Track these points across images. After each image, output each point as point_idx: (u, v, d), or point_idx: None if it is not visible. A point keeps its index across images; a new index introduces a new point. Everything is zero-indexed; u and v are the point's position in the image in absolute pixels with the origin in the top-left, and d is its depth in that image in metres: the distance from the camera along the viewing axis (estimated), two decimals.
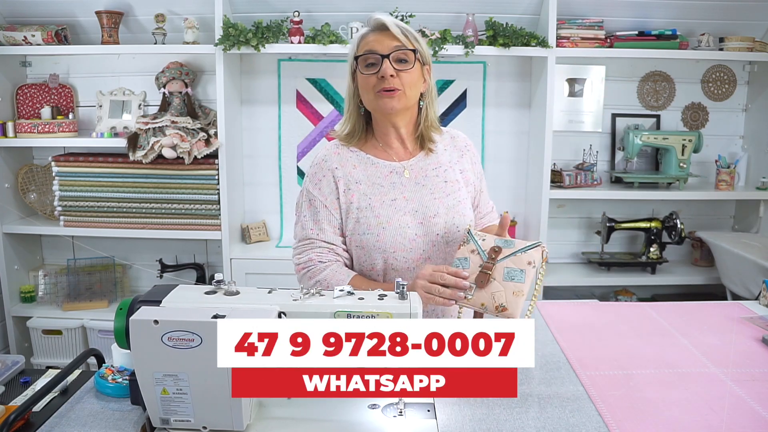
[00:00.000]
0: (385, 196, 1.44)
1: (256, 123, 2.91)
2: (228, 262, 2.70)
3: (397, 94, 1.39)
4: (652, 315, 1.60)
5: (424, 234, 1.43)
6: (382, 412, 1.09)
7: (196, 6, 2.69)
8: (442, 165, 1.50)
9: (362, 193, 1.44)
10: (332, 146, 1.51)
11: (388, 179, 1.46)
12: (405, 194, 1.45)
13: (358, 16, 2.68)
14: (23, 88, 2.83)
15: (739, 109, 2.99)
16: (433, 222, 1.44)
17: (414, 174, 1.48)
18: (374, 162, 1.48)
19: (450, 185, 1.48)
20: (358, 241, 1.43)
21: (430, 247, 1.44)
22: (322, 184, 1.46)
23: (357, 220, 1.43)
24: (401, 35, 1.39)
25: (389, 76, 1.37)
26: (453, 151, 1.54)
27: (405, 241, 1.42)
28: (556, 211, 2.97)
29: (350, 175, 1.46)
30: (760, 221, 2.87)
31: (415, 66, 1.40)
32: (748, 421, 1.07)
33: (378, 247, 1.42)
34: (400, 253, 1.42)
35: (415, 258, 1.43)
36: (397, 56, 1.38)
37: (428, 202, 1.45)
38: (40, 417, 1.07)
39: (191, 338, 0.94)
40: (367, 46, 1.40)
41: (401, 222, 1.42)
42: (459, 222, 1.46)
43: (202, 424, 1.01)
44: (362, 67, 1.40)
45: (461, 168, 1.53)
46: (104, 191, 2.71)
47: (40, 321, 2.77)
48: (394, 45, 1.38)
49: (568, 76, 2.90)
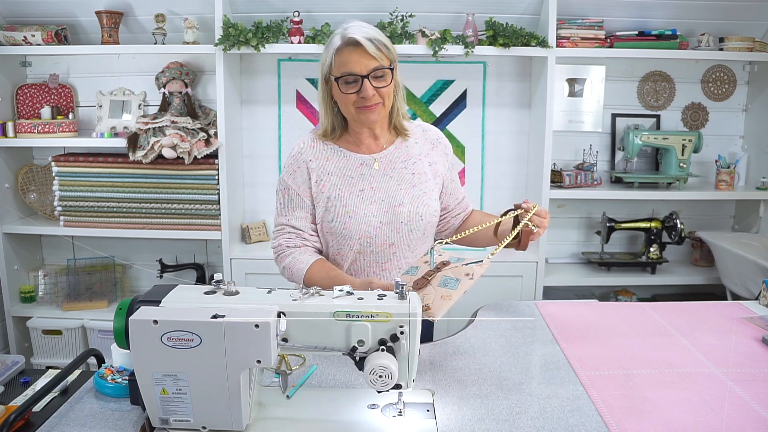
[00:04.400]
0: (353, 187, 1.53)
1: (256, 123, 2.91)
2: (228, 262, 2.70)
3: (377, 108, 1.47)
4: (652, 315, 1.60)
5: (388, 222, 1.52)
6: (382, 412, 1.09)
7: (196, 6, 2.69)
8: (411, 157, 1.58)
9: (333, 184, 1.53)
10: (308, 139, 1.60)
11: (358, 171, 1.54)
12: (373, 185, 1.54)
13: (358, 16, 2.66)
14: (23, 88, 2.83)
15: (739, 109, 2.99)
16: (397, 211, 1.52)
17: (383, 166, 1.56)
18: (346, 155, 1.56)
19: (417, 177, 1.56)
20: (328, 228, 1.53)
21: (395, 234, 1.53)
22: (296, 174, 1.55)
23: (326, 209, 1.52)
24: (376, 51, 1.42)
25: (371, 96, 1.43)
26: (424, 143, 1.61)
27: (370, 229, 1.51)
28: (556, 211, 2.97)
29: (323, 168, 1.54)
30: (760, 221, 2.86)
31: (392, 80, 1.47)
32: (748, 421, 1.07)
33: (345, 234, 1.51)
34: (366, 240, 1.51)
35: (380, 244, 1.53)
36: (375, 76, 1.44)
37: (394, 192, 1.53)
38: (40, 417, 1.07)
39: (191, 338, 0.94)
40: (345, 67, 1.43)
41: (367, 211, 1.51)
42: (423, 211, 1.54)
43: (201, 424, 1.01)
44: (341, 84, 1.45)
45: (431, 161, 1.60)
46: (104, 191, 2.71)
47: (40, 321, 2.77)
48: (372, 66, 1.43)
49: (568, 76, 2.90)
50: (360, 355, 1.01)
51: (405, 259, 1.56)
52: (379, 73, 1.44)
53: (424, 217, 1.55)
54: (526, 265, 2.71)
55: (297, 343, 1.02)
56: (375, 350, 1.01)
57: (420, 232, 1.56)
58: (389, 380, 0.99)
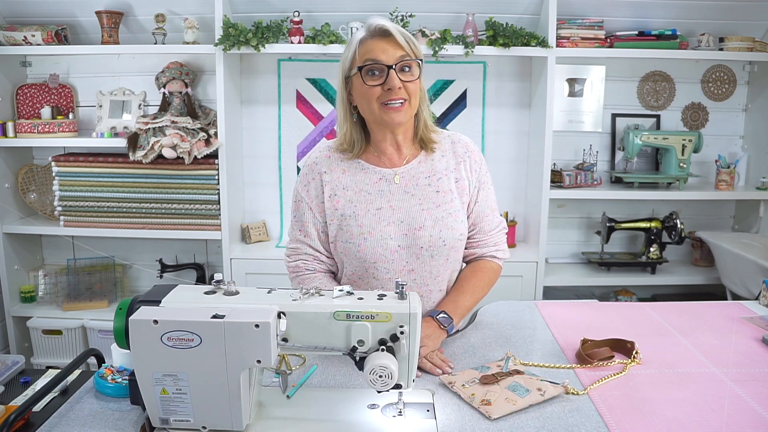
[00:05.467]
0: (370, 205, 1.40)
1: (256, 123, 2.91)
2: (228, 262, 2.70)
3: (404, 107, 1.35)
4: (652, 315, 1.60)
5: (407, 246, 1.40)
6: (382, 412, 1.09)
7: (196, 6, 2.69)
8: (436, 173, 1.44)
9: (348, 200, 1.41)
10: (325, 148, 1.48)
11: (376, 186, 1.42)
12: (392, 203, 1.41)
13: (358, 16, 2.68)
14: (23, 88, 2.83)
15: (739, 109, 2.99)
16: (418, 234, 1.39)
17: (404, 181, 1.43)
18: (364, 167, 1.44)
19: (441, 195, 1.42)
20: (341, 248, 1.41)
21: (414, 260, 1.41)
22: (310, 186, 1.45)
23: (340, 227, 1.41)
24: (405, 43, 1.33)
25: (397, 89, 1.32)
26: (451, 158, 1.47)
27: (386, 253, 1.39)
28: (556, 211, 2.97)
29: (338, 181, 1.43)
30: (760, 221, 2.86)
31: (419, 74, 1.36)
32: (748, 421, 1.07)
33: (359, 257, 1.39)
34: (382, 264, 1.39)
35: (398, 270, 1.40)
36: (402, 66, 1.33)
37: (416, 212, 1.40)
38: (40, 417, 1.07)
39: (191, 338, 0.94)
40: (370, 54, 1.32)
41: (384, 233, 1.38)
42: (446, 236, 1.40)
43: (201, 424, 1.01)
44: (364, 75, 1.33)
45: (457, 176, 1.46)
46: (104, 191, 2.71)
47: (40, 321, 2.77)
48: (399, 55, 1.32)
49: (568, 76, 2.90)
50: (360, 355, 1.01)
51: (426, 286, 1.43)
52: (407, 65, 1.33)
53: (447, 242, 1.40)
54: (526, 265, 2.71)
55: (297, 343, 1.02)
56: (375, 350, 1.01)
57: (443, 258, 1.42)
58: (389, 380, 0.99)
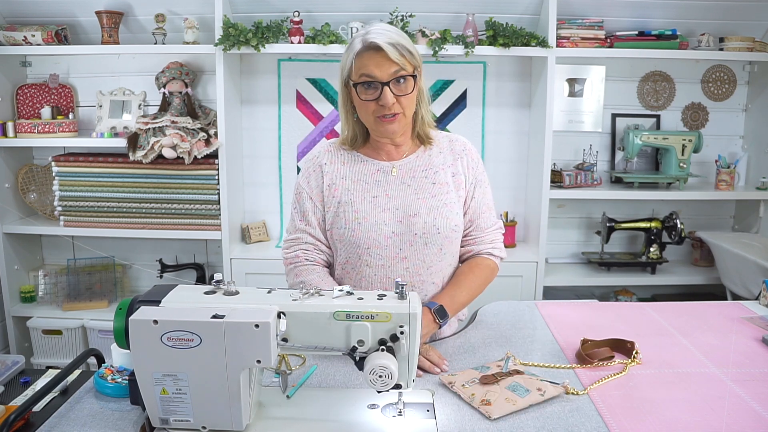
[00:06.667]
0: (367, 193, 1.45)
1: (256, 123, 2.91)
2: (228, 262, 2.70)
3: (398, 119, 1.39)
4: (652, 315, 1.60)
5: (401, 233, 1.42)
6: (382, 412, 1.09)
7: (196, 6, 2.69)
8: (433, 167, 1.49)
9: (345, 188, 1.46)
10: (327, 144, 1.55)
11: (373, 177, 1.47)
12: (388, 192, 1.45)
13: (358, 16, 2.68)
14: (23, 88, 2.82)
15: (739, 109, 2.99)
16: (412, 221, 1.42)
17: (401, 173, 1.48)
18: (363, 159, 1.50)
19: (438, 187, 1.47)
20: (337, 234, 1.45)
21: (408, 247, 1.43)
22: (311, 177, 1.50)
23: (336, 214, 1.45)
24: (399, 57, 1.34)
25: (390, 105, 1.35)
26: (448, 154, 1.52)
27: (380, 238, 1.42)
28: (556, 211, 2.97)
29: (337, 171, 1.48)
30: (760, 221, 2.86)
31: (414, 87, 1.39)
32: (748, 421, 1.07)
33: (353, 242, 1.42)
34: (375, 250, 1.42)
35: (391, 256, 1.43)
36: (396, 81, 1.36)
37: (411, 201, 1.44)
38: (40, 417, 1.07)
39: (191, 338, 0.94)
40: (365, 70, 1.35)
41: (378, 219, 1.42)
42: (440, 224, 1.43)
43: (201, 424, 1.01)
44: (359, 90, 1.37)
45: (454, 171, 1.50)
46: (104, 191, 2.71)
47: (40, 321, 2.77)
48: (393, 70, 1.34)
49: (568, 76, 2.90)
50: (360, 355, 1.01)
51: (419, 276, 1.44)
52: (401, 78, 1.36)
53: (441, 230, 1.43)
54: (526, 265, 2.71)
55: (297, 343, 1.02)
56: (375, 350, 1.01)
57: (436, 247, 1.44)
58: (389, 380, 0.99)
